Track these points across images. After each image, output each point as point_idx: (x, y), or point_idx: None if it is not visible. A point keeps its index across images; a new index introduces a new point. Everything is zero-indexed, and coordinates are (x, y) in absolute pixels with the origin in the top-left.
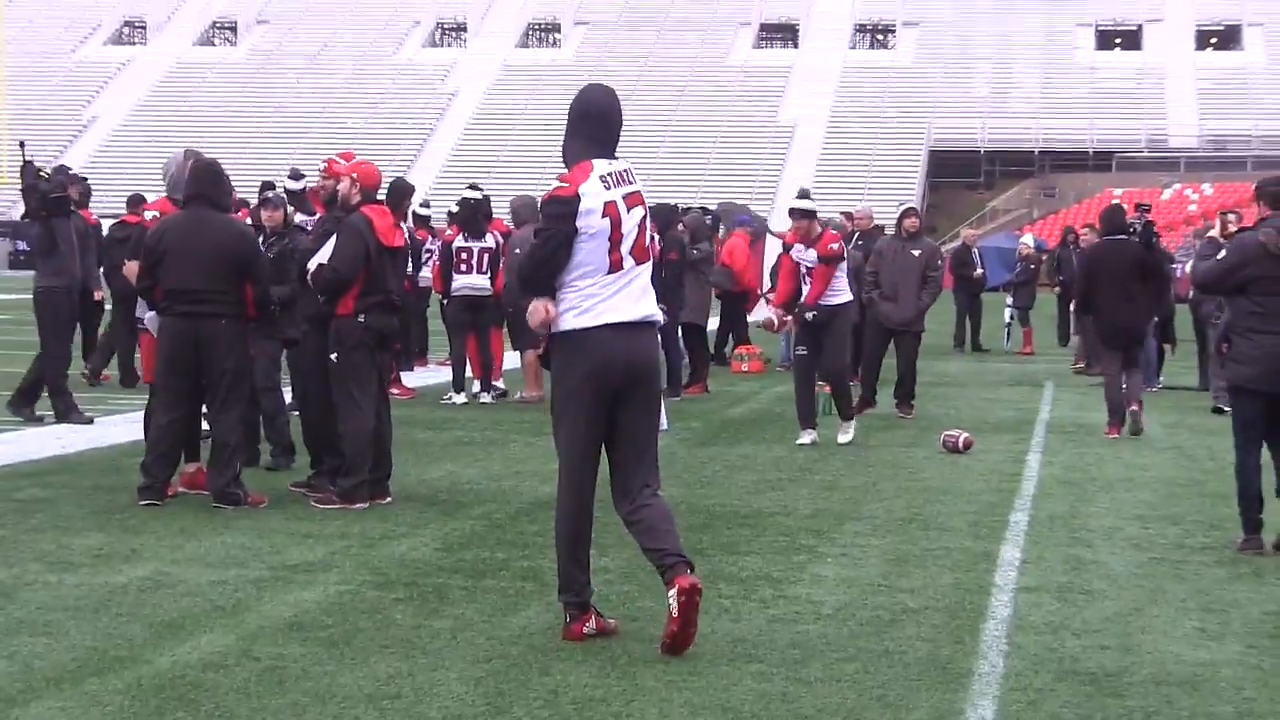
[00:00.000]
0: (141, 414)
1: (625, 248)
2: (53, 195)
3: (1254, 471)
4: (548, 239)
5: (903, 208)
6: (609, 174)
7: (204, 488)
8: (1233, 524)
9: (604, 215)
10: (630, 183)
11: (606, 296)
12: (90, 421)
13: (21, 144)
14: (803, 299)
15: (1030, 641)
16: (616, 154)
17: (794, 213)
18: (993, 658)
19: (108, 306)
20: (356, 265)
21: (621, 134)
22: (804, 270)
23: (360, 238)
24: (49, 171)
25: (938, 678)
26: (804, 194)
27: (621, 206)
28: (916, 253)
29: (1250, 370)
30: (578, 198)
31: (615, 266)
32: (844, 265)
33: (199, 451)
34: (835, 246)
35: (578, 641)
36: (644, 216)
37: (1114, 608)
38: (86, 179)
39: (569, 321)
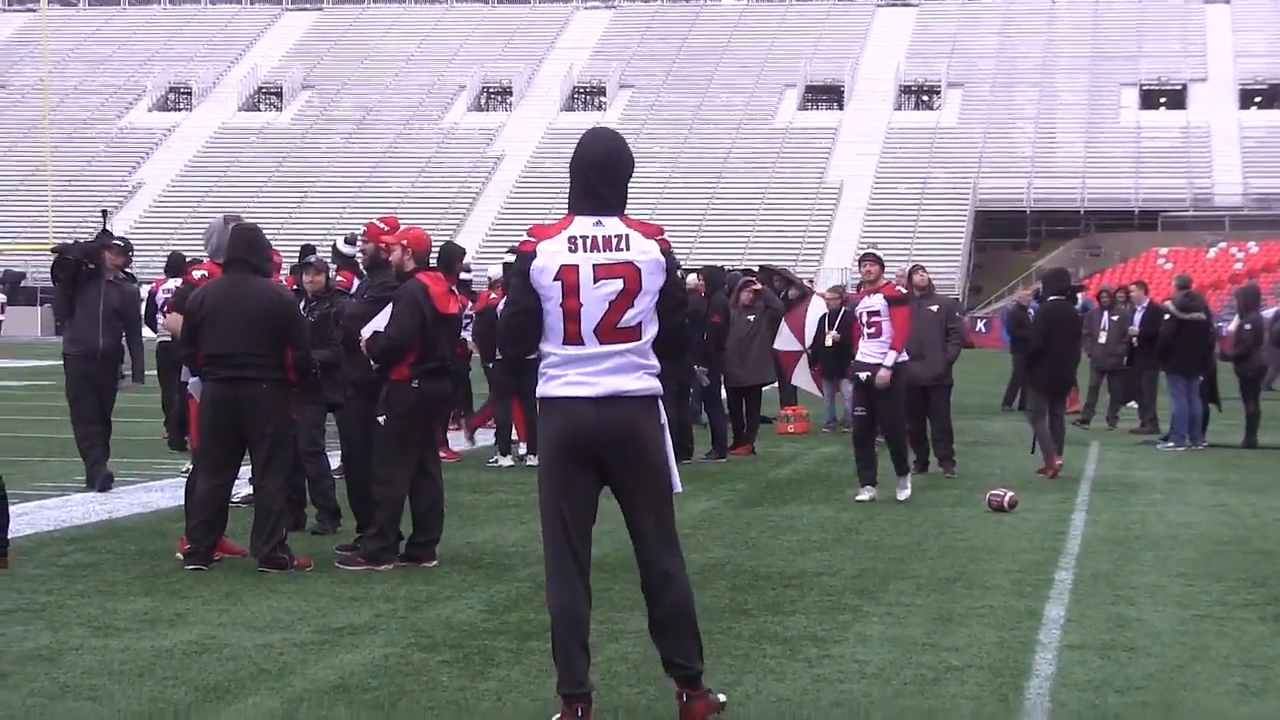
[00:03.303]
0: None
1: (587, 325)
2: (69, 259)
3: None
4: (513, 313)
5: (909, 267)
6: (583, 236)
7: (233, 552)
8: (1276, 580)
9: (556, 278)
10: (616, 250)
11: (568, 371)
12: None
13: (104, 213)
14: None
15: (1074, 699)
16: (615, 211)
17: (867, 258)
18: (1036, 716)
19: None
20: (413, 333)
21: (624, 184)
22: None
23: (417, 305)
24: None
25: None
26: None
27: (585, 273)
28: (934, 308)
29: None
30: (533, 254)
31: (572, 339)
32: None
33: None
34: (902, 289)
35: None
36: (623, 292)
37: (1157, 665)
38: (129, 246)
39: (540, 387)
